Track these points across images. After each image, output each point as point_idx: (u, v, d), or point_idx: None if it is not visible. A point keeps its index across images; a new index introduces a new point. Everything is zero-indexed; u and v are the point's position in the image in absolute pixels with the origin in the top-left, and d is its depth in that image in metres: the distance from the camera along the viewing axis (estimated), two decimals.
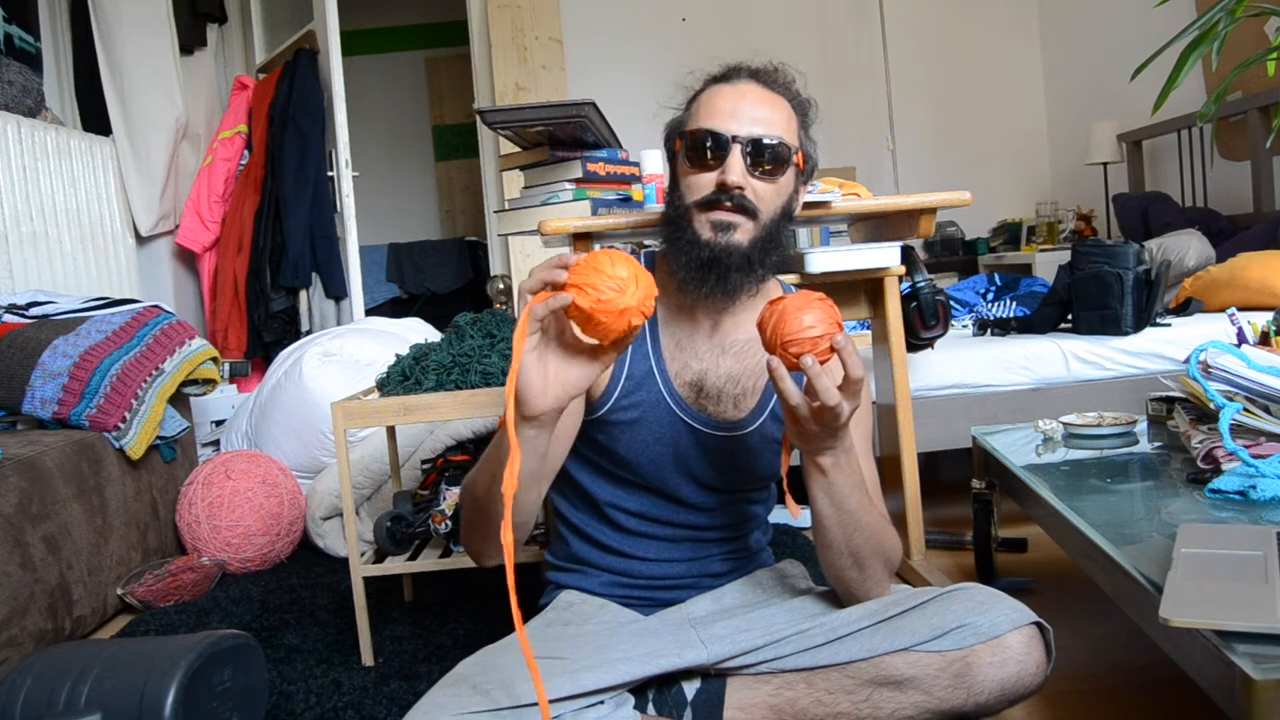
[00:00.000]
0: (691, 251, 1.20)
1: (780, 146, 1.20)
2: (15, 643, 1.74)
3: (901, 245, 1.92)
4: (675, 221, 1.23)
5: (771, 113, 1.22)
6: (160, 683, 1.30)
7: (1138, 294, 2.38)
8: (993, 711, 1.13)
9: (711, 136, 1.19)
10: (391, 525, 1.77)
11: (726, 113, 1.20)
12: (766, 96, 1.23)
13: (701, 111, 1.22)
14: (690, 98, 1.27)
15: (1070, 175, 5.20)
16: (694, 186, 1.21)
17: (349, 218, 3.70)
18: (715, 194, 1.19)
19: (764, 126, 1.20)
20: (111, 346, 2.25)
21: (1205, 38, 1.86)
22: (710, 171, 1.20)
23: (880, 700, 1.13)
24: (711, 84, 1.25)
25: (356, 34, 6.57)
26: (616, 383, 1.24)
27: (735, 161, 1.18)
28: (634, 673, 1.10)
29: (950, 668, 1.11)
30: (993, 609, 1.12)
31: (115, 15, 3.50)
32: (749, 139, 1.19)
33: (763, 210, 1.20)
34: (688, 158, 1.21)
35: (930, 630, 1.12)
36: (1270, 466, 1.34)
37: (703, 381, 1.26)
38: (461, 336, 1.85)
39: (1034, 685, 1.12)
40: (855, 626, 1.15)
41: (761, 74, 1.25)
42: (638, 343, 1.26)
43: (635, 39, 5.21)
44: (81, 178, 3.12)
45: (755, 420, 1.27)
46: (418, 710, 1.04)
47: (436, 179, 7.33)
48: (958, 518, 2.34)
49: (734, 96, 1.21)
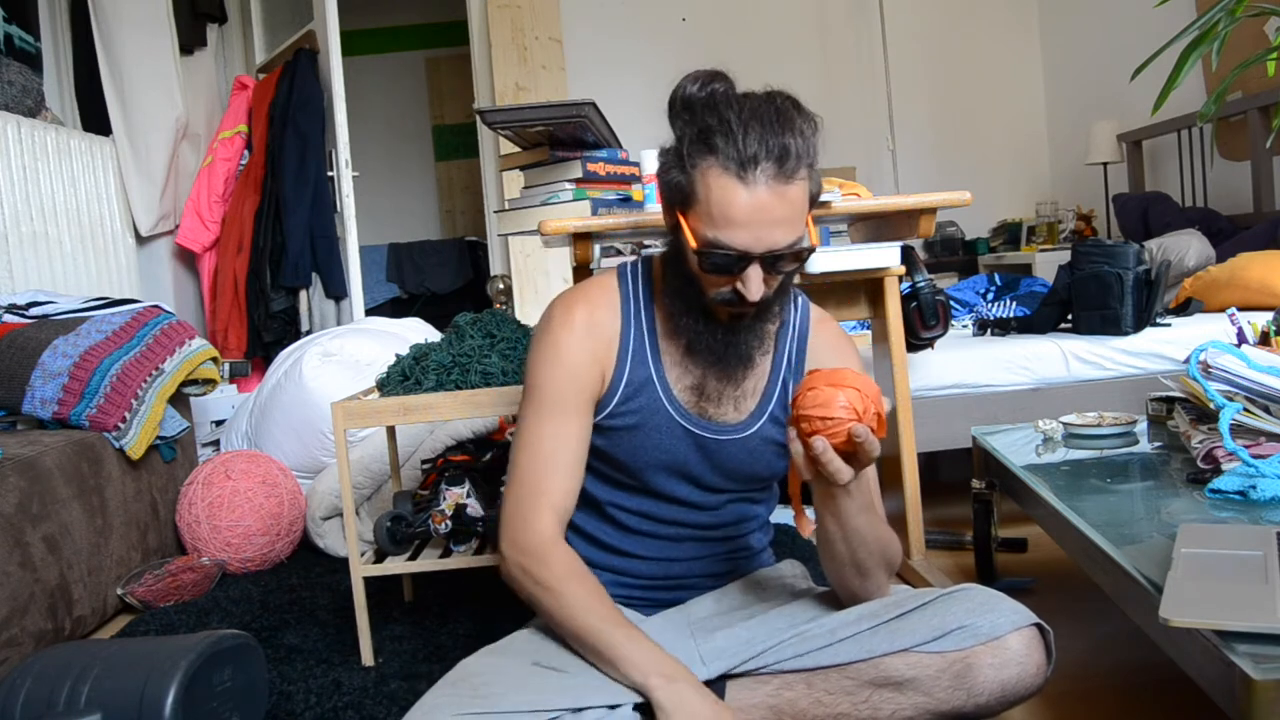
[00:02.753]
0: (704, 335, 1.20)
1: (800, 249, 1.13)
2: (15, 643, 1.74)
3: (901, 245, 1.92)
4: (689, 297, 1.19)
5: (790, 211, 1.10)
6: (160, 683, 1.30)
7: (1138, 294, 2.38)
8: (993, 713, 1.13)
9: (728, 256, 1.11)
10: (391, 525, 1.77)
11: (742, 223, 1.09)
12: (785, 195, 1.09)
13: (714, 213, 1.10)
14: (694, 141, 1.12)
15: (1070, 175, 5.20)
16: (709, 284, 1.16)
17: (349, 218, 3.70)
18: (732, 297, 1.15)
19: (783, 231, 1.10)
20: (111, 346, 2.25)
21: (1205, 38, 1.86)
22: (726, 275, 1.13)
23: (880, 701, 1.13)
24: (721, 165, 1.09)
25: (356, 34, 6.57)
26: (616, 389, 1.24)
27: (755, 277, 1.12)
28: (633, 693, 1.10)
29: (950, 669, 1.10)
30: (993, 610, 1.12)
31: (115, 15, 3.50)
32: (767, 252, 1.10)
33: (774, 293, 1.17)
34: (701, 266, 1.14)
35: (930, 631, 1.12)
36: (1270, 466, 1.34)
37: (703, 386, 1.25)
38: (461, 336, 1.85)
39: (1034, 686, 1.12)
40: (855, 628, 1.15)
41: (782, 161, 1.08)
42: (638, 348, 1.25)
43: (635, 39, 5.21)
44: (81, 178, 3.12)
45: (755, 423, 1.27)
46: (417, 710, 1.05)
47: (436, 179, 7.33)
48: (958, 518, 2.34)
49: (751, 206, 1.08)
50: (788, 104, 1.12)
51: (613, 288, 1.28)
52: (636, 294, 1.27)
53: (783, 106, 1.11)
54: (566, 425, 1.21)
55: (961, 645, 1.10)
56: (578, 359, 1.22)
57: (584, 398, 1.22)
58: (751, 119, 1.09)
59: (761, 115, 1.09)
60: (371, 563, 1.75)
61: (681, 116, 1.16)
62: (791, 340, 1.30)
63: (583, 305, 1.25)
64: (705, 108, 1.12)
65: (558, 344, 1.23)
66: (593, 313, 1.25)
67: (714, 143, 1.09)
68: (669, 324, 1.25)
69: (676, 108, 1.17)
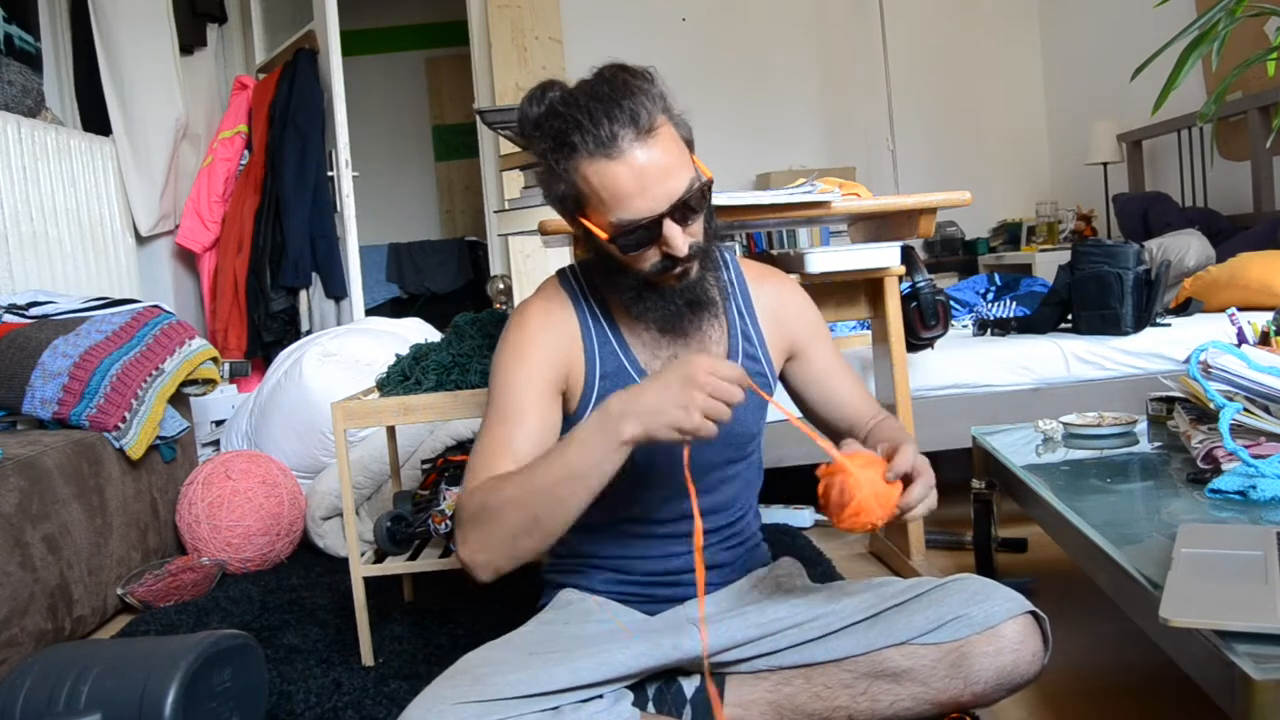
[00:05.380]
0: (666, 305, 1.21)
1: (696, 186, 1.14)
2: (15, 643, 1.74)
3: (901, 245, 1.92)
4: (633, 288, 1.20)
5: (668, 158, 1.11)
6: (160, 683, 1.30)
7: (1138, 294, 2.38)
8: (990, 700, 1.14)
9: (639, 227, 1.12)
10: (391, 525, 1.77)
11: (633, 193, 1.10)
12: (655, 147, 1.11)
13: (605, 199, 1.11)
14: (556, 148, 1.13)
15: (1070, 175, 5.20)
16: (638, 262, 1.17)
17: (349, 218, 3.69)
18: (666, 262, 1.16)
19: (674, 180, 1.11)
20: (111, 346, 2.25)
21: (1205, 38, 1.86)
22: (644, 248, 1.15)
23: (878, 693, 1.14)
24: (588, 155, 1.11)
25: (356, 34, 6.57)
26: (592, 385, 1.24)
27: (674, 233, 1.13)
28: (631, 665, 1.11)
29: (946, 658, 1.12)
30: (988, 599, 1.14)
31: (115, 15, 3.50)
32: (672, 205, 1.12)
33: (704, 240, 1.20)
34: (623, 250, 1.15)
35: (926, 623, 1.13)
36: (1270, 466, 1.34)
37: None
38: (461, 336, 1.85)
39: (1030, 674, 1.13)
40: (851, 620, 1.16)
41: (636, 121, 1.10)
42: (602, 340, 1.26)
43: (635, 39, 5.20)
44: (81, 178, 3.12)
45: None
46: (419, 702, 1.05)
47: (436, 179, 7.33)
48: (958, 518, 2.34)
49: (633, 175, 1.10)
50: (616, 72, 1.14)
51: (560, 288, 1.30)
52: (584, 291, 1.29)
53: (612, 77, 1.13)
54: (523, 418, 1.19)
55: (957, 635, 1.12)
56: (537, 354, 1.22)
57: (544, 390, 1.21)
58: (591, 102, 1.11)
59: (598, 94, 1.12)
60: (371, 563, 1.75)
61: (534, 136, 1.18)
62: (734, 295, 1.33)
63: (538, 305, 1.27)
64: (550, 117, 1.14)
65: (516, 342, 1.23)
66: (548, 310, 1.27)
67: (571, 140, 1.11)
68: (626, 314, 1.25)
69: (528, 131, 1.19)
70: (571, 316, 1.27)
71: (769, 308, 1.35)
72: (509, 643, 1.19)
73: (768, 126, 5.24)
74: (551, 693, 1.06)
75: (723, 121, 5.12)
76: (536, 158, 1.18)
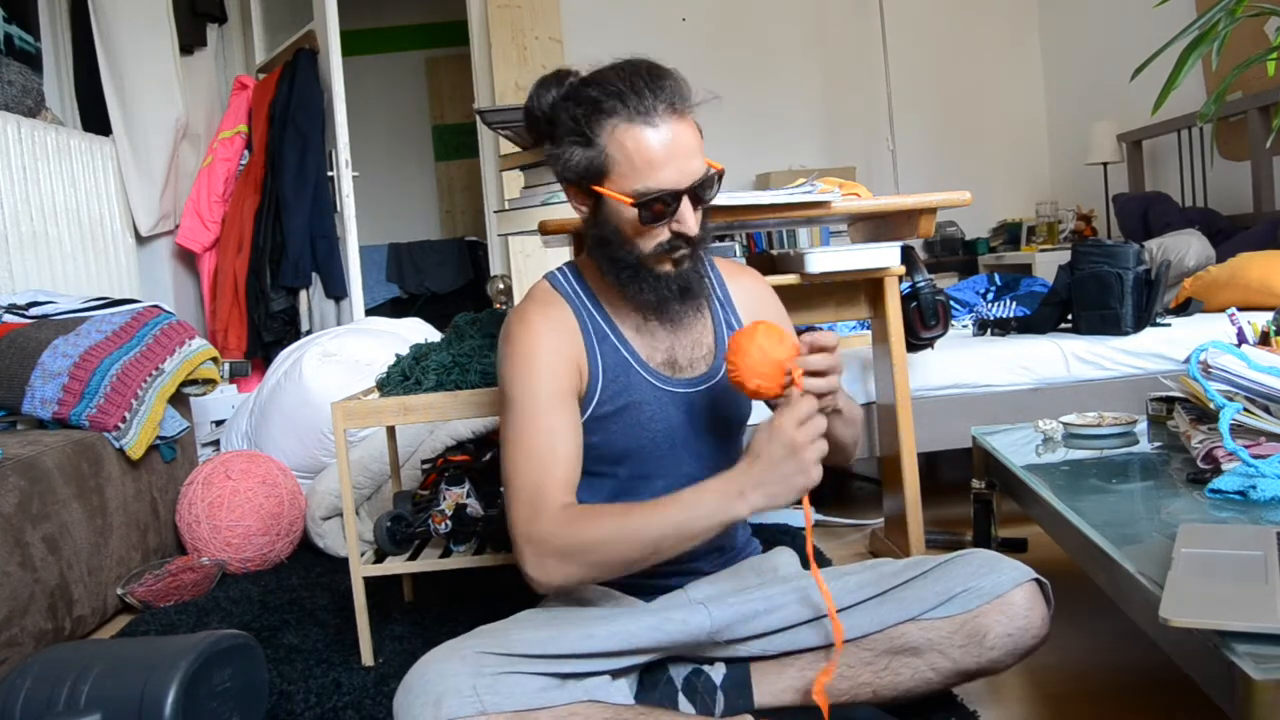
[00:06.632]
0: (660, 289, 1.24)
1: (713, 177, 1.21)
2: (15, 643, 1.74)
3: (901, 245, 1.92)
4: (631, 266, 1.24)
5: (695, 143, 1.20)
6: (160, 683, 1.30)
7: (1138, 294, 2.38)
8: (1004, 666, 1.21)
9: (665, 198, 1.17)
10: (391, 525, 1.77)
11: (663, 162, 1.16)
12: (687, 128, 1.19)
13: (637, 164, 1.16)
14: (590, 114, 1.18)
15: (1070, 175, 5.20)
16: (648, 237, 1.21)
17: (349, 218, 3.69)
18: (674, 241, 1.21)
19: (697, 160, 1.19)
20: (111, 346, 2.25)
21: (1205, 38, 1.86)
22: (660, 221, 1.20)
23: (899, 667, 1.20)
24: (626, 120, 1.16)
25: (356, 34, 6.56)
26: (597, 379, 1.27)
27: (688, 213, 1.20)
28: (641, 637, 1.17)
29: (963, 629, 1.18)
30: (994, 570, 1.20)
31: (115, 15, 3.50)
32: (692, 185, 1.19)
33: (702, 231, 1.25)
34: (641, 219, 1.19)
35: (935, 597, 1.19)
36: (1270, 466, 1.34)
37: (674, 356, 1.31)
38: (461, 336, 1.85)
39: (1041, 635, 1.20)
40: (856, 598, 1.23)
41: (674, 98, 1.18)
42: (602, 337, 1.29)
43: (635, 39, 5.16)
44: (81, 178, 3.12)
45: (719, 370, 1.33)
46: (441, 647, 1.13)
47: (436, 179, 7.33)
48: (958, 518, 2.34)
49: (664, 144, 1.16)
50: (650, 62, 1.20)
51: (554, 291, 1.33)
52: (577, 291, 1.32)
53: (645, 61, 1.20)
54: (554, 418, 1.22)
55: (969, 606, 1.18)
56: (548, 357, 1.25)
57: (565, 390, 1.25)
58: (631, 76, 1.17)
59: (637, 70, 1.18)
60: (371, 563, 1.75)
61: (555, 116, 1.22)
62: (714, 290, 1.39)
63: (536, 309, 1.29)
64: (578, 91, 1.20)
65: (525, 348, 1.25)
66: (548, 312, 1.29)
67: (611, 105, 1.16)
68: (620, 309, 1.30)
69: (542, 117, 1.24)
70: (570, 316, 1.29)
71: (746, 301, 1.41)
72: (521, 619, 1.25)
73: (768, 126, 5.23)
74: (565, 656, 1.13)
75: (723, 121, 5.09)
76: (556, 131, 1.22)
